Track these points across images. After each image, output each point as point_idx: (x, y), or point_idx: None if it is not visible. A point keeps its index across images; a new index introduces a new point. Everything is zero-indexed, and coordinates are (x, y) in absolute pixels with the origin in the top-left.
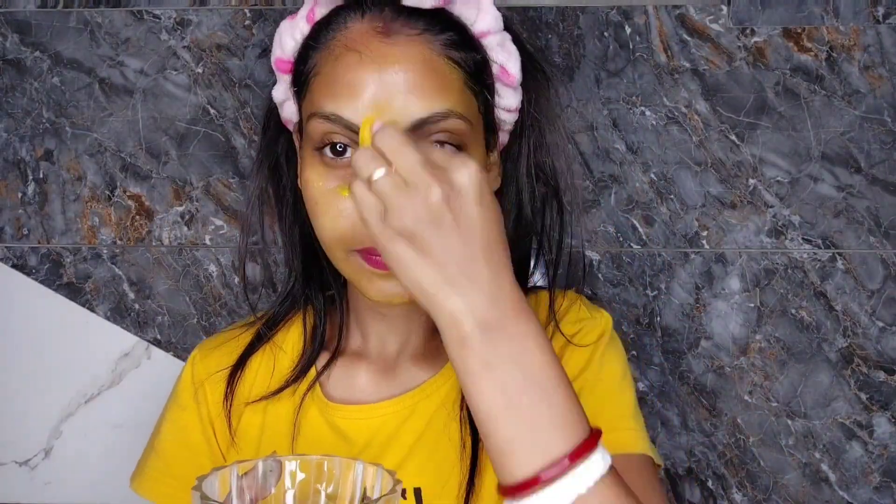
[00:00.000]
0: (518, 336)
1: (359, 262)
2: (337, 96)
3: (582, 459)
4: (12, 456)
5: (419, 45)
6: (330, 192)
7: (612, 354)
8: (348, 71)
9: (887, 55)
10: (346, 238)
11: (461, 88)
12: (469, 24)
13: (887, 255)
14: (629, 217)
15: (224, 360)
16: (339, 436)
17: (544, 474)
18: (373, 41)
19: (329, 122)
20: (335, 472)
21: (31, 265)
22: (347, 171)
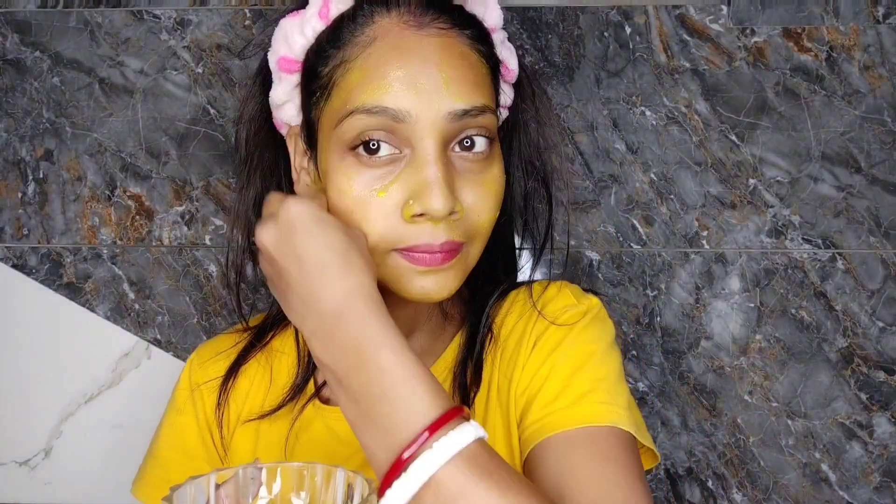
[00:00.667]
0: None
1: (399, 260)
2: (377, 89)
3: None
4: (12, 456)
5: (453, 38)
6: (368, 194)
7: (590, 331)
8: (388, 63)
9: (887, 55)
10: (391, 239)
11: (490, 83)
12: (481, 20)
13: (887, 255)
14: (629, 217)
15: (220, 368)
16: (335, 438)
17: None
18: (406, 34)
19: (370, 116)
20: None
21: (31, 265)
22: (385, 170)
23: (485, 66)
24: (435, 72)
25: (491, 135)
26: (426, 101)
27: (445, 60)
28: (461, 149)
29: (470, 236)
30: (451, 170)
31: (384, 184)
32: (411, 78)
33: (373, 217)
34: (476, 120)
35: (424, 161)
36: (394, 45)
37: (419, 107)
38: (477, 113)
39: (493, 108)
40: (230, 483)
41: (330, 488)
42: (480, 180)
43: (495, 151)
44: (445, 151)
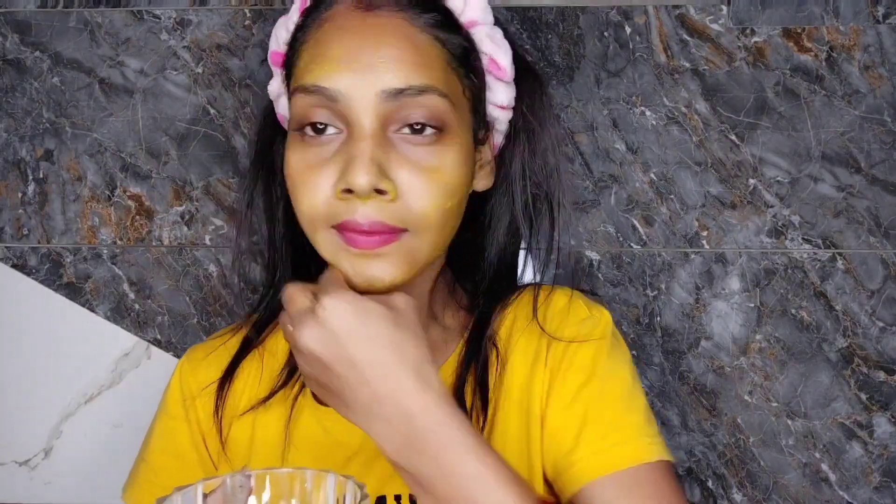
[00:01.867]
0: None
1: (337, 240)
2: (317, 69)
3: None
4: (12, 456)
5: (400, 20)
6: (307, 168)
7: (617, 358)
8: (329, 43)
9: (887, 55)
10: (324, 213)
11: (443, 67)
12: (457, 13)
13: (887, 255)
14: (629, 217)
15: (213, 372)
16: (332, 440)
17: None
18: (354, 15)
19: (309, 95)
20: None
21: (31, 265)
22: (325, 148)
23: (438, 49)
24: (371, 51)
25: (440, 120)
26: (360, 79)
27: (384, 40)
28: (411, 132)
29: (410, 224)
30: (389, 150)
31: (321, 160)
32: (347, 57)
33: (309, 193)
34: (416, 100)
35: (357, 138)
36: (338, 26)
37: (353, 85)
38: (415, 93)
39: (444, 92)
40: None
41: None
42: (422, 165)
43: (451, 140)
44: (384, 131)
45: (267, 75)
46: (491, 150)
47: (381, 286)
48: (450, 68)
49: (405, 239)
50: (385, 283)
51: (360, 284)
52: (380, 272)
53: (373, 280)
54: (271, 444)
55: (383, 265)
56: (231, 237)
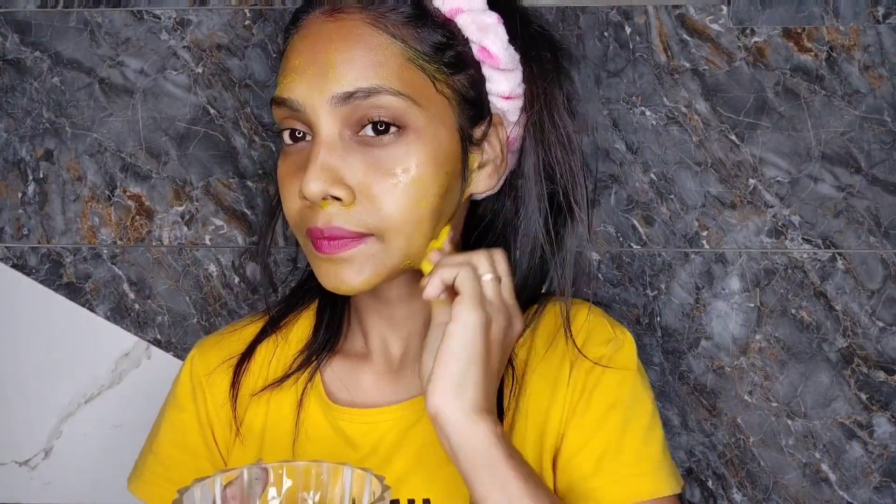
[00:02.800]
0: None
1: (310, 245)
2: (282, 80)
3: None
4: (12, 456)
5: (359, 22)
6: (284, 176)
7: (641, 392)
8: (291, 53)
9: (887, 55)
10: (296, 221)
11: (401, 64)
12: (439, 3)
13: (887, 255)
14: (629, 217)
15: (225, 353)
16: (344, 440)
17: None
18: (318, 22)
19: (278, 107)
20: (323, 479)
21: (31, 265)
22: (299, 156)
23: (397, 46)
24: (322, 57)
25: (397, 120)
26: (313, 87)
27: (336, 45)
28: (375, 133)
29: (374, 229)
30: (348, 155)
31: (295, 169)
32: (302, 66)
33: (287, 200)
34: (368, 102)
35: (312, 145)
36: (302, 36)
37: (307, 94)
38: (365, 95)
39: (401, 91)
40: (235, 484)
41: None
42: (381, 167)
43: (415, 140)
44: (341, 136)
45: (266, 75)
46: (502, 147)
47: (349, 290)
48: (412, 65)
49: (370, 243)
50: (351, 287)
51: (328, 286)
52: (345, 276)
53: (339, 284)
54: (284, 430)
55: (348, 270)
56: (233, 237)
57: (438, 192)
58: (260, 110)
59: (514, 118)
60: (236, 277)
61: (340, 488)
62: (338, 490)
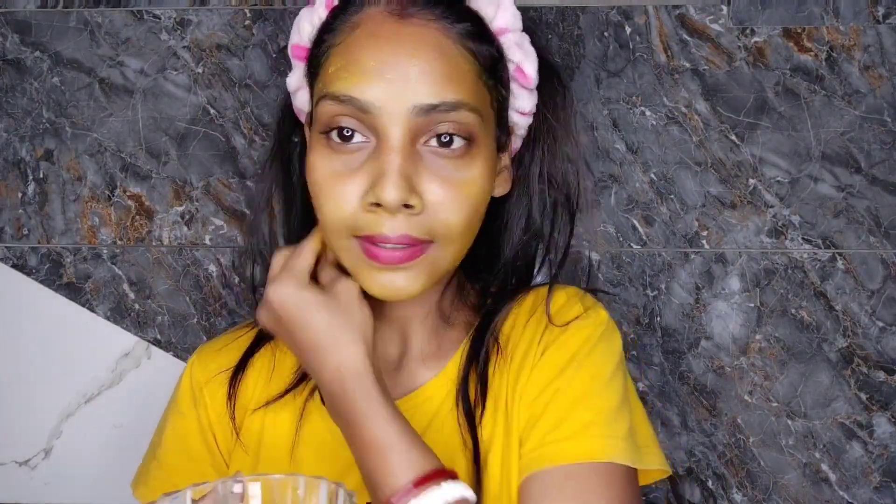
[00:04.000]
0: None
1: (359, 252)
2: (349, 77)
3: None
4: (12, 456)
5: (434, 30)
6: (333, 176)
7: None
8: (361, 52)
9: (887, 55)
10: (349, 224)
11: (475, 80)
12: (487, 19)
13: (887, 255)
14: (629, 217)
15: (223, 363)
16: (340, 443)
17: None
18: (387, 23)
19: (339, 104)
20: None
21: (31, 265)
22: (353, 157)
23: (471, 62)
24: (405, 63)
25: (469, 133)
26: (393, 93)
27: (419, 52)
28: (439, 144)
29: (437, 236)
30: (418, 163)
31: (349, 170)
32: (380, 68)
33: (335, 202)
34: (447, 115)
35: (386, 151)
36: (371, 34)
37: (385, 99)
38: (447, 109)
39: (475, 107)
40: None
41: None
42: (451, 178)
43: (478, 152)
44: (413, 144)
45: (266, 75)
46: (509, 155)
47: (401, 296)
48: (480, 81)
49: (430, 251)
50: (406, 294)
51: (378, 293)
52: (401, 283)
53: (393, 291)
54: (280, 443)
55: (406, 277)
56: (233, 237)
57: (487, 200)
58: (260, 110)
59: (522, 132)
60: (236, 277)
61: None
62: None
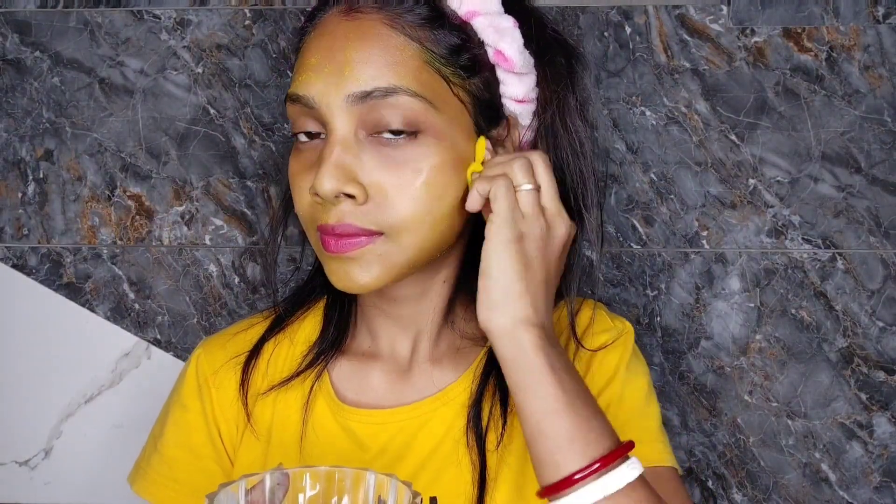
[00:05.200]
0: (562, 352)
1: (319, 242)
2: (297, 77)
3: (614, 465)
4: (12, 456)
5: (377, 22)
6: (296, 172)
7: (636, 369)
8: (307, 51)
9: (887, 55)
10: (307, 217)
11: (419, 66)
12: (454, 5)
13: (887, 255)
14: (629, 217)
15: (231, 352)
16: (353, 440)
17: (581, 473)
18: (334, 21)
19: (293, 104)
20: (345, 483)
21: (31, 265)
22: (312, 153)
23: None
24: (339, 55)
25: (413, 123)
26: (329, 84)
27: (355, 43)
28: (393, 133)
29: (385, 227)
30: (361, 152)
31: (307, 165)
32: (319, 64)
33: (298, 196)
34: (385, 101)
35: (328, 143)
36: (318, 34)
37: (322, 91)
38: (382, 94)
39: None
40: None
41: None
42: (398, 167)
43: (430, 141)
44: (356, 134)
45: (266, 75)
46: (515, 149)
47: (358, 288)
48: (430, 67)
49: (379, 242)
50: (360, 286)
51: (337, 285)
52: (354, 275)
53: (348, 283)
54: (290, 429)
55: (356, 268)
56: (233, 237)
57: (456, 194)
58: (260, 110)
59: (526, 122)
60: (236, 277)
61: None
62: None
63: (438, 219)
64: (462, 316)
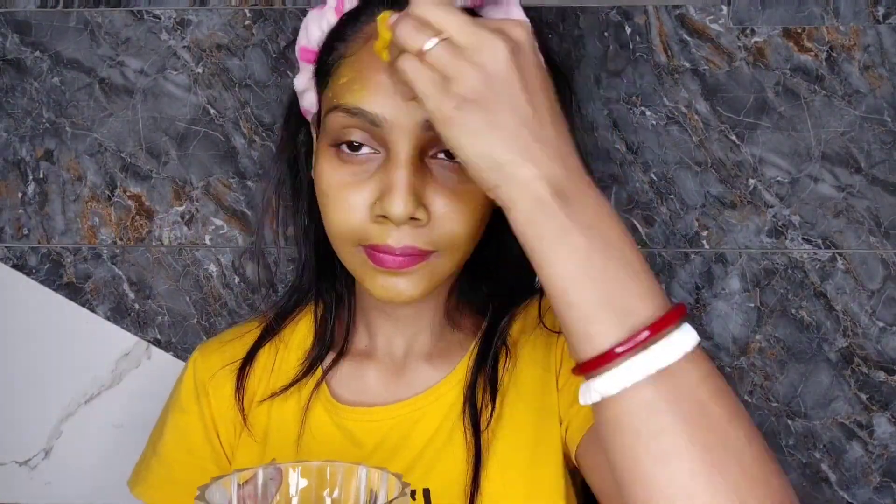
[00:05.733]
0: (592, 203)
1: (364, 258)
2: (360, 90)
3: (666, 332)
4: (12, 456)
5: None
6: (341, 185)
7: None
8: (371, 66)
9: (887, 55)
10: (356, 233)
11: None
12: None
13: (887, 255)
14: (629, 217)
15: (227, 357)
16: (348, 438)
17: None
18: None
19: (350, 116)
20: (338, 478)
21: (31, 265)
22: (362, 168)
23: None
24: None
25: None
26: (403, 108)
27: None
28: (447, 158)
29: (440, 246)
30: (426, 176)
31: (357, 180)
32: (386, 82)
33: (342, 211)
34: None
35: (394, 164)
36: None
37: (395, 113)
38: None
39: None
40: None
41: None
42: (457, 190)
43: None
44: (421, 157)
45: (266, 75)
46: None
47: (402, 301)
48: None
49: (432, 259)
50: (406, 298)
51: (380, 297)
52: (402, 287)
53: (395, 295)
54: (286, 434)
55: (407, 282)
56: (233, 237)
57: (491, 207)
58: (260, 110)
59: None
60: (236, 277)
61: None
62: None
63: (479, 233)
64: (458, 311)
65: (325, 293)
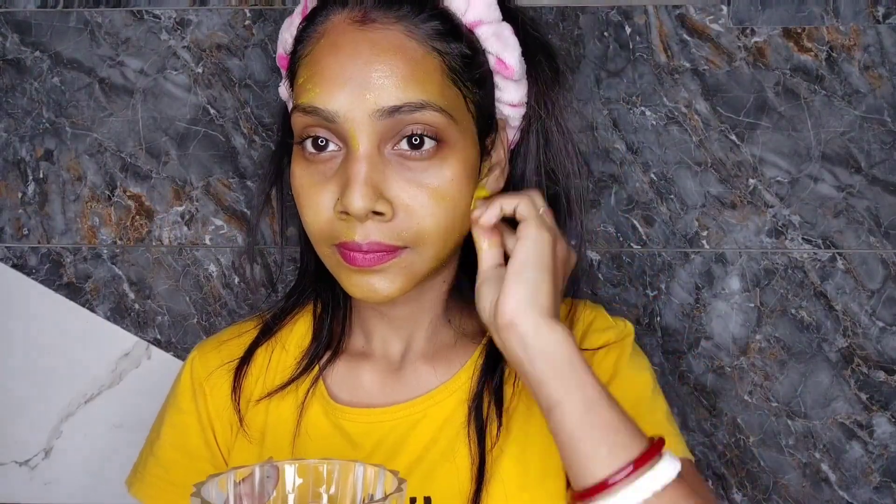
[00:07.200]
0: (584, 365)
1: (337, 257)
2: (313, 88)
3: (649, 466)
4: (12, 456)
5: (396, 33)
6: (310, 185)
7: (639, 363)
8: (323, 61)
9: (887, 55)
10: (326, 232)
11: (441, 80)
12: (459, 13)
13: (887, 255)
14: (629, 217)
15: (225, 357)
16: (346, 439)
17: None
18: (349, 30)
19: (307, 115)
20: (334, 475)
21: (31, 265)
22: (326, 166)
23: (436, 63)
24: (363, 69)
25: (437, 134)
26: (354, 100)
27: (379, 57)
28: (409, 147)
29: (408, 241)
30: (386, 169)
31: (323, 179)
32: (342, 77)
33: (312, 211)
34: (412, 116)
35: (353, 159)
36: (332, 43)
37: (347, 106)
38: (411, 109)
39: (442, 107)
40: (247, 482)
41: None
42: (421, 182)
43: (450, 154)
44: (381, 149)
45: (266, 75)
46: (504, 149)
47: (379, 299)
48: (449, 81)
49: (404, 255)
50: (383, 296)
51: (358, 296)
52: (378, 286)
53: (371, 293)
54: (283, 434)
55: (381, 280)
56: (233, 237)
57: (467, 202)
58: (260, 110)
59: (516, 123)
60: (236, 277)
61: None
62: (350, 485)
63: (455, 228)
64: (458, 313)
65: (324, 292)
